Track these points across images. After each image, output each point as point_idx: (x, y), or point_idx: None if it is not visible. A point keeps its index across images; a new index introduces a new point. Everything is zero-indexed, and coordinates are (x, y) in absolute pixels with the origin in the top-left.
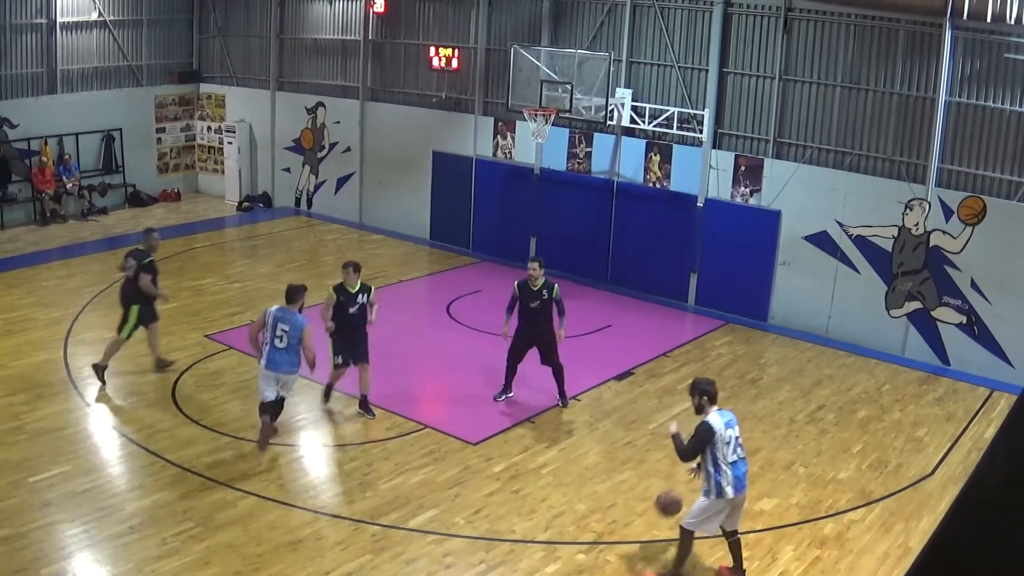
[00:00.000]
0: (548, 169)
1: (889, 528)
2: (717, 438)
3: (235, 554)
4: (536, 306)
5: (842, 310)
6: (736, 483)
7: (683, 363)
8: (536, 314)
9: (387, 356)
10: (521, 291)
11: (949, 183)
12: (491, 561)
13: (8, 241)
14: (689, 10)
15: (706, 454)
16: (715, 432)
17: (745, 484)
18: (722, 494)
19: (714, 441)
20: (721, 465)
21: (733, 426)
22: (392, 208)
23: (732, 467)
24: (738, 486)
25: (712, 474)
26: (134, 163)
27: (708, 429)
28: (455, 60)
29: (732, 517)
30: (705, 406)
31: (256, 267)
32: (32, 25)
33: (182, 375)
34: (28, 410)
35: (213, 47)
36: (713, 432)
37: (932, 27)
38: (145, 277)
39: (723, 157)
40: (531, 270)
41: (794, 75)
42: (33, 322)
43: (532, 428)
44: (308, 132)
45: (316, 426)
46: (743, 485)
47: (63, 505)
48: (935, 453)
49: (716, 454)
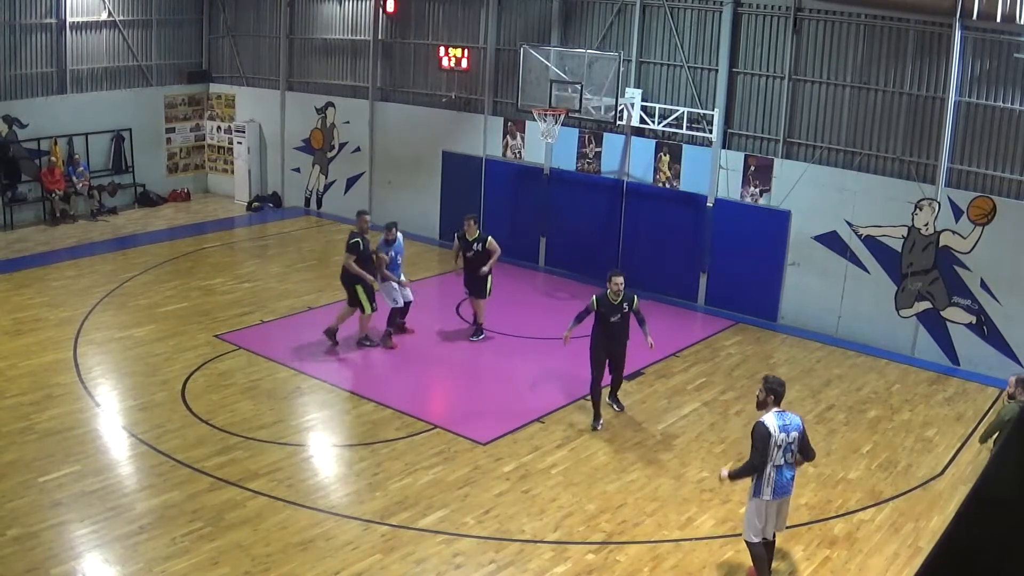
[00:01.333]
0: (558, 169)
1: (899, 528)
2: (771, 442)
3: (244, 554)
4: (617, 320)
5: (852, 310)
6: (776, 488)
7: (692, 363)
8: (616, 328)
9: (397, 356)
10: (601, 304)
11: (959, 183)
12: (501, 561)
13: (18, 241)
14: (699, 10)
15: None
16: (770, 435)
17: (788, 491)
18: (759, 494)
19: (768, 443)
20: (767, 467)
21: (789, 431)
22: (402, 208)
23: (776, 471)
24: (778, 491)
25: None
26: (144, 163)
27: (763, 434)
28: (465, 60)
29: (779, 520)
30: (768, 404)
31: (266, 267)
32: (42, 25)
33: (192, 375)
34: (38, 410)
35: (223, 47)
36: (768, 435)
37: (942, 27)
38: (350, 258)
39: (733, 157)
40: (615, 284)
41: (804, 75)
42: (43, 322)
43: (541, 428)
44: (318, 132)
45: (326, 426)
46: (784, 491)
47: (73, 505)
48: (945, 453)
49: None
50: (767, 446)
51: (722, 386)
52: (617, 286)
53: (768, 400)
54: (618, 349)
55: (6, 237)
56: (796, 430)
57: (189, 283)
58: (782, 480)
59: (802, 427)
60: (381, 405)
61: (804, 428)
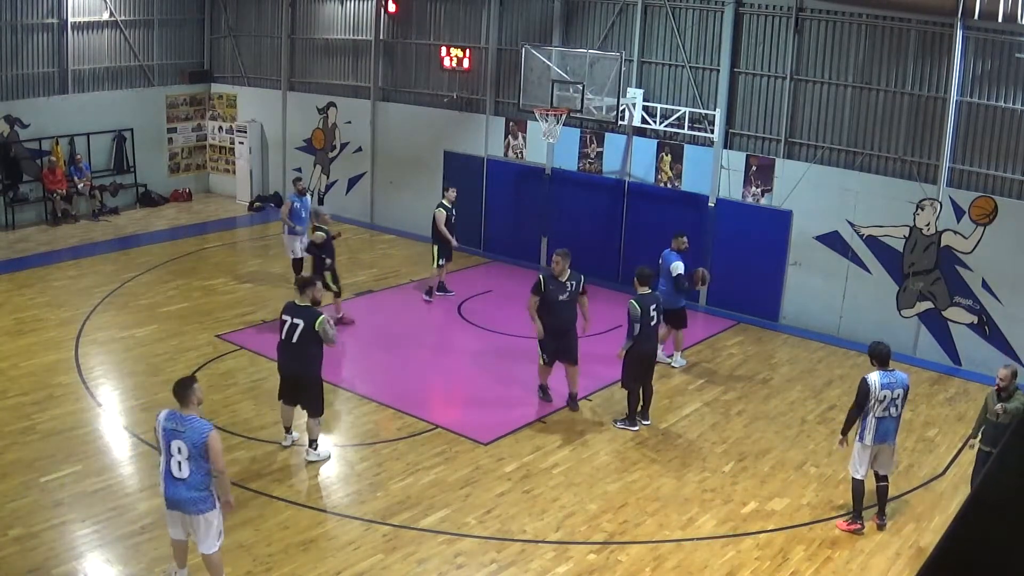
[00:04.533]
0: (559, 169)
1: (900, 528)
2: (871, 394)
3: (246, 554)
4: (654, 324)
5: (853, 310)
6: (876, 434)
7: (694, 363)
8: (654, 330)
9: (398, 356)
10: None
11: (960, 183)
12: (502, 561)
13: (20, 241)
14: (700, 10)
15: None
16: (869, 388)
17: (889, 438)
18: (863, 438)
19: (868, 396)
20: (868, 416)
21: (892, 388)
22: (403, 208)
23: (878, 421)
24: (878, 437)
25: (862, 421)
26: (145, 163)
27: (864, 387)
28: (466, 60)
29: (881, 462)
30: (873, 366)
31: (267, 267)
32: (43, 25)
33: (193, 375)
34: (39, 410)
35: (224, 47)
36: (868, 388)
37: (943, 27)
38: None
39: (734, 157)
40: (642, 291)
41: (805, 75)
42: (44, 322)
43: (543, 428)
44: (319, 132)
45: (326, 426)
46: (884, 438)
47: (74, 505)
48: (946, 453)
49: (867, 406)
50: (865, 395)
51: (723, 386)
52: (644, 290)
53: (872, 364)
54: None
55: (8, 237)
56: (900, 387)
57: (191, 283)
58: (883, 429)
59: (907, 384)
60: (382, 405)
61: (908, 386)
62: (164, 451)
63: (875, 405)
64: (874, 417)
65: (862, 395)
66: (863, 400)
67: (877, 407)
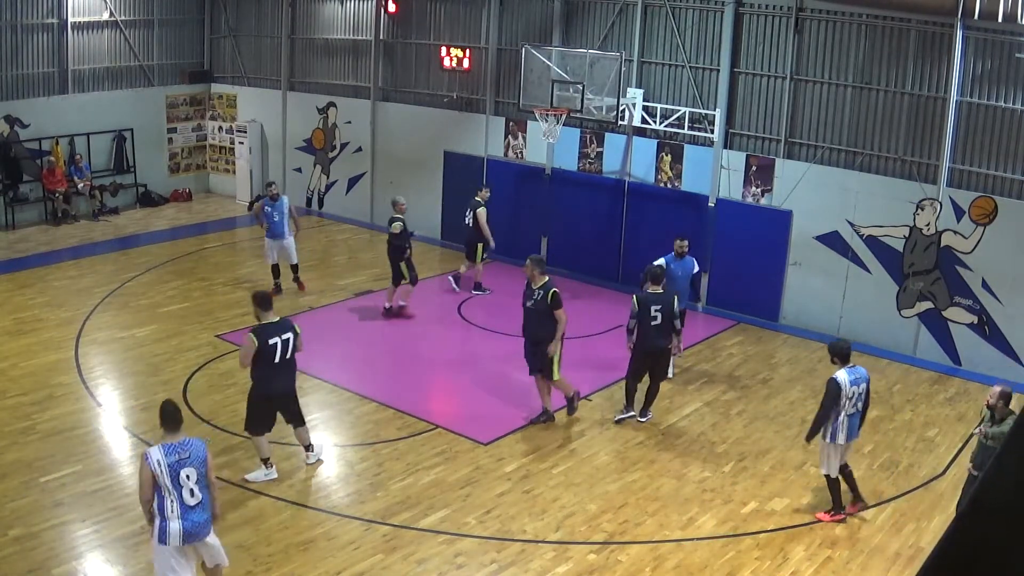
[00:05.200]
0: (559, 169)
1: (900, 528)
2: (842, 393)
3: (246, 554)
4: (658, 323)
5: (853, 310)
6: (849, 432)
7: (694, 363)
8: (660, 329)
9: (398, 356)
10: (638, 303)
11: (960, 183)
12: (502, 561)
13: (20, 241)
14: (700, 10)
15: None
16: (841, 388)
17: (855, 433)
18: (835, 439)
19: (840, 396)
20: (841, 415)
21: (859, 383)
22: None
23: (849, 419)
24: (850, 434)
25: (832, 421)
26: (145, 163)
27: (835, 388)
28: (466, 60)
29: (845, 456)
30: (835, 364)
31: (267, 267)
32: (43, 25)
33: (193, 375)
34: (39, 410)
35: (224, 47)
36: (840, 388)
37: (943, 27)
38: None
39: (734, 157)
40: (652, 289)
41: (805, 75)
42: (44, 322)
43: (543, 428)
44: (319, 132)
45: (327, 426)
46: (855, 434)
47: (74, 505)
48: (946, 453)
49: (838, 407)
50: (837, 396)
51: (723, 386)
52: (654, 289)
53: (834, 362)
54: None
55: (8, 237)
56: (864, 381)
57: (191, 283)
58: (853, 425)
59: (868, 376)
60: (383, 405)
61: (869, 379)
62: (172, 487)
63: (846, 403)
64: (845, 415)
65: (833, 396)
66: (835, 401)
67: (847, 404)
